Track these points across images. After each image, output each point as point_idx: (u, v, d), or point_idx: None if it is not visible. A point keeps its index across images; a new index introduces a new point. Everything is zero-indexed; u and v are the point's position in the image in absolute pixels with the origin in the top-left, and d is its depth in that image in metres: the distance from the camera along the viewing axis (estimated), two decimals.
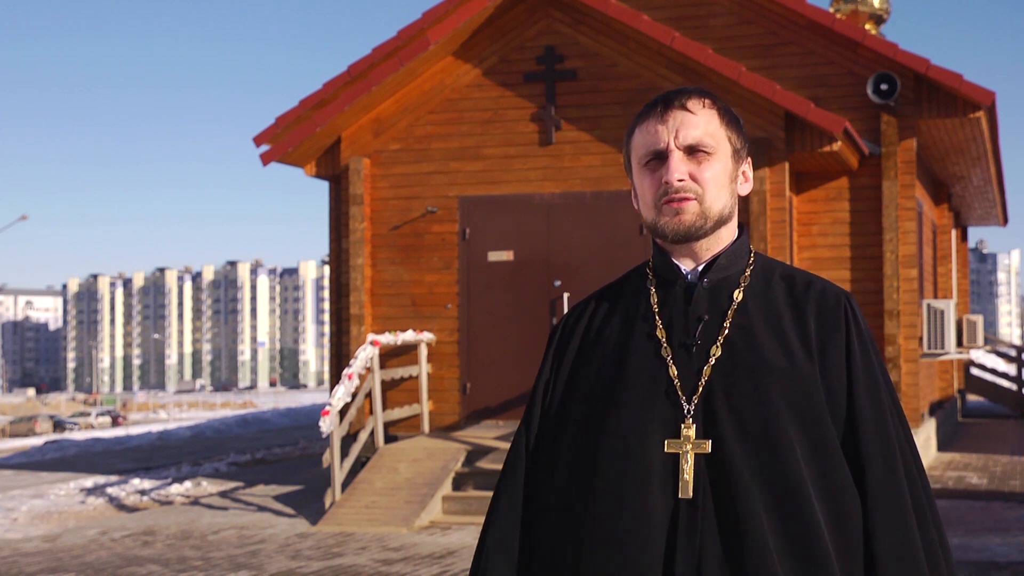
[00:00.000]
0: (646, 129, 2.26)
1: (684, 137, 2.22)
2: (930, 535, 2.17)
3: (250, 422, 30.44)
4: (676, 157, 2.22)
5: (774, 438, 2.12)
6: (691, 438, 2.14)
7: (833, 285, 2.29)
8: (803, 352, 2.18)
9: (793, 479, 2.10)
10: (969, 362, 25.12)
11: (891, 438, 2.18)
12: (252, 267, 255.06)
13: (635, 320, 2.28)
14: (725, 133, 2.27)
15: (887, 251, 14.18)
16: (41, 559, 10.64)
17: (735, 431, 2.13)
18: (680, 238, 2.23)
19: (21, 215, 47.95)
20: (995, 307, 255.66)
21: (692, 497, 2.11)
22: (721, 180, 2.24)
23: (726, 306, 2.24)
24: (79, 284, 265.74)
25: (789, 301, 2.25)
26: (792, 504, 2.10)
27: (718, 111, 2.27)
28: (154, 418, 69.87)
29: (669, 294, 2.27)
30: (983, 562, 9.18)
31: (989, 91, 14.10)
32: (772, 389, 2.14)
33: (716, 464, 2.12)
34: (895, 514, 2.14)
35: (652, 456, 2.15)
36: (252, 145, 23.67)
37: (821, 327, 2.21)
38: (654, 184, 2.24)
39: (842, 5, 17.51)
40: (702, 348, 2.20)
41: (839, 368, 2.19)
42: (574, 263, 14.09)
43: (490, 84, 14.54)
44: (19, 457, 24.12)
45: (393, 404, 14.41)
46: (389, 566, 9.72)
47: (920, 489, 2.19)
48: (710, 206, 2.22)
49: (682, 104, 2.24)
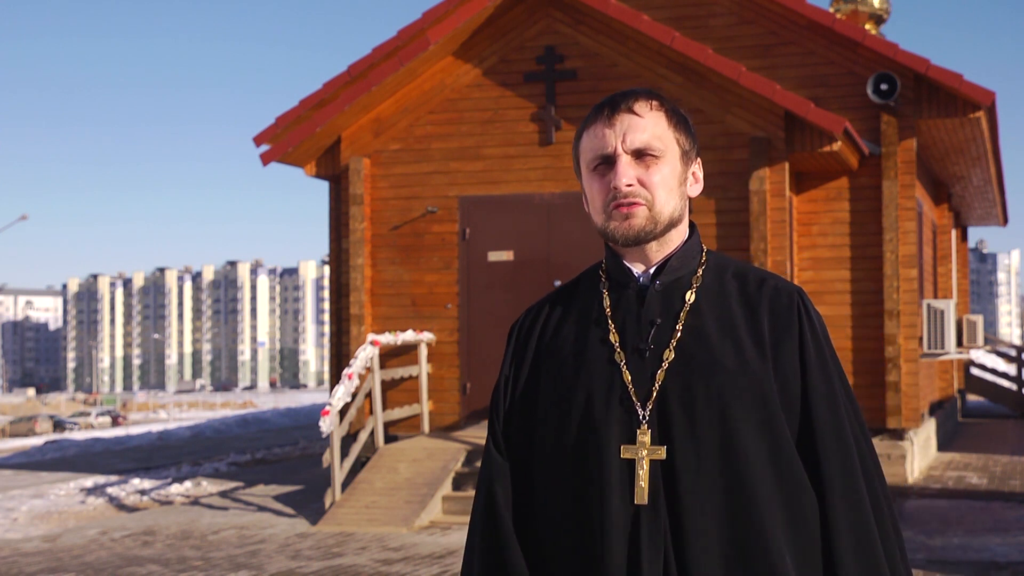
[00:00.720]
0: (593, 133, 2.25)
1: (631, 141, 2.21)
2: (887, 531, 2.18)
3: (250, 422, 30.44)
4: (624, 162, 2.21)
5: (728, 441, 2.12)
6: (646, 444, 2.14)
7: (786, 282, 2.28)
8: (756, 351, 2.18)
9: (749, 483, 2.11)
10: (969, 362, 25.12)
11: (846, 435, 2.18)
12: (252, 267, 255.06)
13: (589, 325, 2.27)
14: (673, 135, 2.26)
15: (887, 251, 14.18)
16: (41, 559, 10.64)
17: (689, 435, 2.13)
18: (630, 242, 2.23)
19: (21, 215, 47.95)
20: (995, 307, 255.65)
21: (648, 503, 2.11)
22: (670, 183, 2.23)
23: (678, 308, 2.23)
24: (79, 284, 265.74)
25: (742, 300, 2.24)
26: (746, 508, 2.10)
27: (666, 113, 2.26)
28: (154, 418, 69.86)
29: (622, 297, 2.27)
30: (983, 562, 9.17)
31: (989, 91, 14.10)
32: (725, 391, 2.14)
33: (670, 469, 2.13)
34: (853, 512, 2.15)
35: (610, 462, 2.15)
36: (252, 145, 23.66)
37: (774, 325, 2.21)
38: (603, 189, 2.23)
39: (842, 5, 17.51)
40: (655, 352, 2.20)
41: (793, 366, 2.19)
42: (574, 263, 14.08)
43: (490, 84, 14.54)
44: (19, 457, 24.12)
45: (393, 404, 14.41)
46: (389, 566, 9.72)
47: (877, 485, 2.20)
48: (660, 210, 2.21)
49: (629, 107, 2.23)
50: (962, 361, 23.94)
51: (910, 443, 14.13)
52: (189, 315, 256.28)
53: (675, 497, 2.11)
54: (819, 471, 2.15)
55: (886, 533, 2.17)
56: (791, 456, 2.14)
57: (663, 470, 2.13)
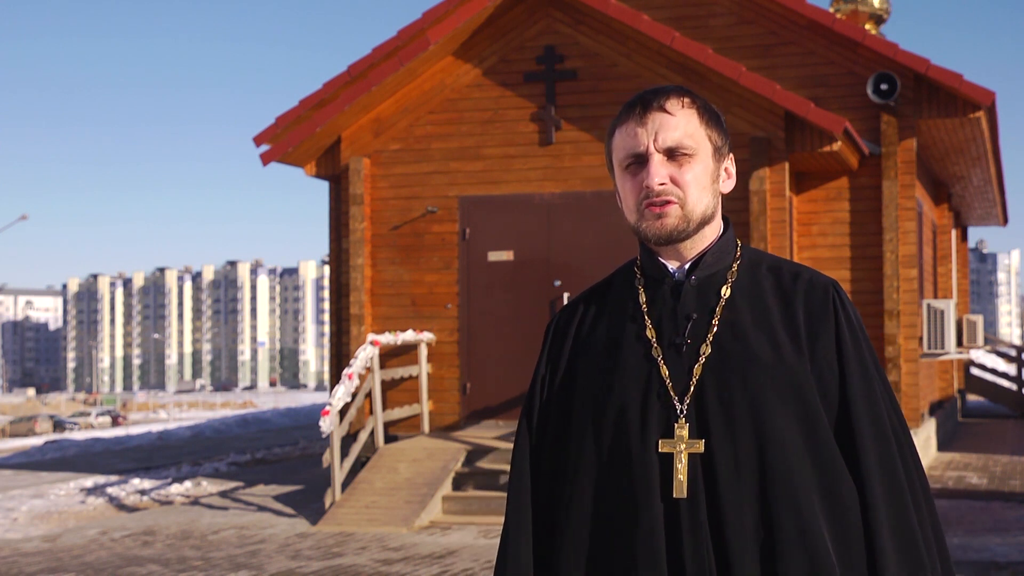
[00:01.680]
0: (625, 131, 2.26)
1: (663, 140, 2.21)
2: (926, 522, 2.19)
3: (250, 422, 30.44)
4: (656, 160, 2.21)
5: (766, 434, 2.13)
6: (684, 438, 2.15)
7: (821, 275, 2.29)
8: (792, 345, 2.19)
9: (787, 474, 2.11)
10: (969, 362, 25.12)
11: (885, 426, 2.19)
12: (252, 267, 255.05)
13: (624, 321, 2.28)
14: (705, 132, 2.25)
15: (887, 251, 14.18)
16: (41, 559, 10.64)
17: (727, 429, 2.14)
18: (663, 241, 2.23)
19: (21, 215, 47.95)
20: (995, 307, 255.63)
21: (688, 496, 2.12)
22: (703, 181, 2.23)
23: (714, 303, 2.24)
24: (79, 284, 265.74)
25: (777, 293, 2.25)
26: (786, 499, 2.10)
27: (697, 110, 2.26)
28: (154, 418, 69.86)
29: (657, 293, 2.27)
30: (983, 562, 9.18)
31: (989, 91, 14.10)
32: (763, 384, 2.15)
33: (709, 463, 2.14)
34: (894, 502, 2.15)
35: (649, 457, 2.16)
36: (252, 145, 23.67)
37: (810, 318, 2.22)
38: (635, 188, 2.23)
39: (842, 5, 17.51)
40: (692, 347, 2.20)
41: (830, 359, 2.19)
42: (574, 263, 14.09)
43: (490, 84, 14.54)
44: (19, 457, 24.12)
45: (393, 404, 14.41)
46: (389, 566, 9.72)
47: (916, 477, 2.20)
48: (692, 209, 2.22)
49: (660, 105, 2.23)
50: (962, 361, 23.94)
51: None
52: (189, 315, 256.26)
53: (714, 491, 2.12)
54: (858, 462, 2.16)
55: (924, 522, 2.18)
56: (829, 448, 2.15)
57: (702, 464, 2.14)
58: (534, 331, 13.98)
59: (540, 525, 2.29)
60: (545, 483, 2.29)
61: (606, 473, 2.19)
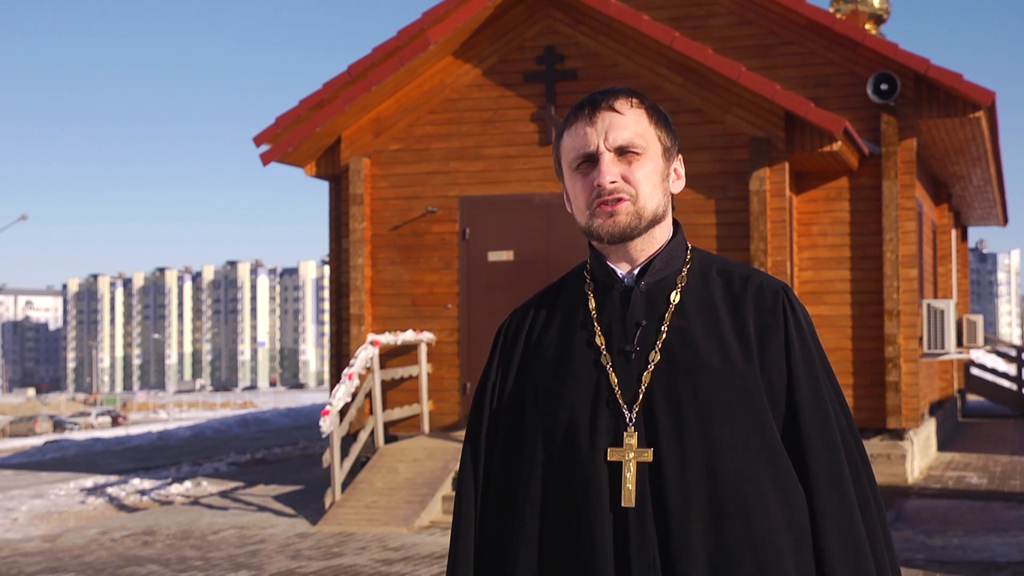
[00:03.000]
0: (575, 132, 2.26)
1: (614, 139, 2.21)
2: (876, 529, 2.18)
3: (250, 422, 30.43)
4: (607, 159, 2.21)
5: (715, 443, 2.11)
6: (633, 446, 2.13)
7: (771, 278, 2.27)
8: (742, 351, 2.17)
9: (736, 483, 2.10)
10: (969, 362, 25.11)
11: (834, 433, 2.18)
12: (252, 267, 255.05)
13: (575, 327, 2.26)
14: (655, 132, 2.26)
15: (887, 251, 14.18)
16: (41, 559, 10.64)
17: (675, 437, 2.12)
18: (615, 239, 2.22)
19: (21, 215, 47.94)
20: (995, 307, 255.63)
21: (636, 506, 2.10)
22: (653, 179, 2.23)
23: (663, 309, 2.22)
24: (79, 284, 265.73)
25: (727, 298, 2.24)
26: (734, 508, 2.09)
27: (646, 110, 2.26)
28: (154, 418, 69.85)
29: (607, 299, 2.26)
30: (983, 562, 9.17)
31: (989, 91, 14.10)
32: (712, 392, 2.13)
33: (657, 472, 2.12)
34: (840, 508, 2.14)
35: (597, 466, 2.14)
36: (252, 145, 23.67)
37: (759, 323, 2.20)
38: (586, 187, 2.23)
39: (842, 5, 17.50)
40: (641, 354, 2.19)
41: (779, 364, 2.18)
42: (574, 263, 13.96)
43: (490, 84, 14.54)
44: (19, 457, 24.11)
45: (393, 404, 14.41)
46: (389, 566, 9.72)
47: (865, 483, 2.19)
48: (644, 206, 2.21)
49: (610, 105, 2.24)
50: (962, 361, 23.94)
51: (910, 443, 14.13)
52: (189, 315, 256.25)
53: (661, 499, 2.10)
54: (806, 468, 2.15)
55: (873, 528, 2.17)
56: (779, 454, 2.14)
57: (650, 473, 2.12)
58: None
59: (491, 531, 2.27)
60: (494, 492, 2.27)
61: (555, 481, 2.17)
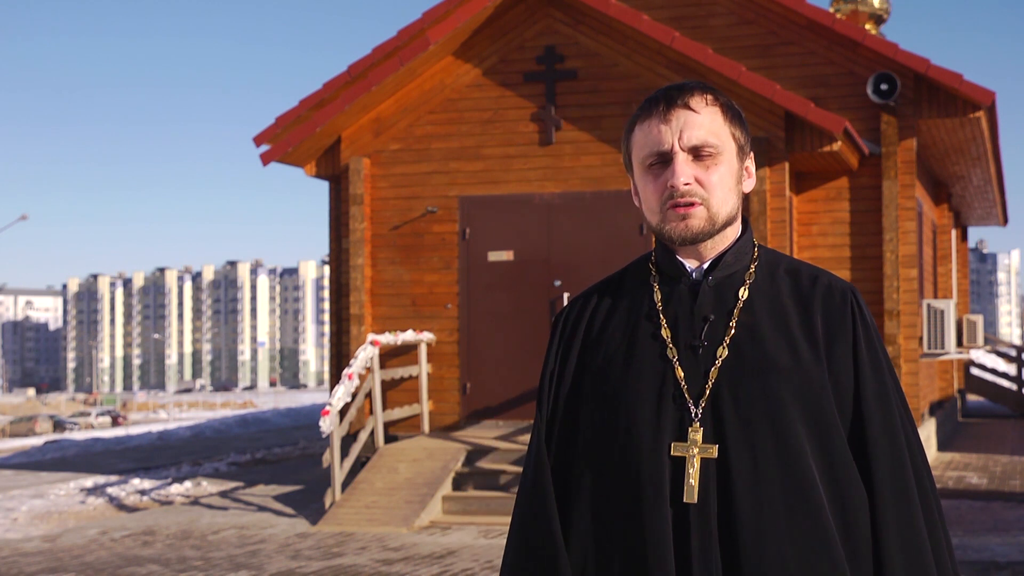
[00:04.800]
0: (648, 128, 2.19)
1: (689, 138, 2.16)
2: (937, 534, 2.16)
3: (250, 422, 30.42)
4: (681, 160, 2.15)
5: (782, 441, 2.08)
6: (698, 442, 2.10)
7: (839, 279, 2.25)
8: (810, 350, 2.14)
9: (803, 482, 2.07)
10: (969, 362, 25.11)
11: (898, 436, 2.16)
12: (252, 267, 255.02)
13: (639, 319, 2.22)
14: (729, 130, 2.21)
15: (887, 251, 14.18)
16: (41, 559, 10.64)
17: (742, 435, 2.09)
18: (687, 243, 2.18)
19: (21, 215, 47.95)
20: (995, 307, 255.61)
21: (698, 502, 2.07)
22: (728, 183, 2.20)
23: (731, 305, 2.19)
24: (79, 284, 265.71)
25: (795, 297, 2.20)
26: (804, 508, 2.07)
27: (721, 108, 2.21)
28: (154, 418, 69.85)
29: (673, 292, 2.22)
30: (983, 562, 9.17)
31: (989, 91, 14.10)
32: (780, 390, 2.10)
33: (723, 468, 2.09)
34: (903, 514, 2.12)
35: (660, 460, 2.11)
36: (252, 145, 23.67)
37: (828, 324, 2.17)
38: (658, 188, 2.17)
39: (842, 5, 17.50)
40: (708, 349, 2.15)
41: (846, 366, 2.15)
42: (574, 263, 14.09)
43: (490, 84, 14.54)
44: (19, 457, 24.11)
45: (393, 404, 14.41)
46: (389, 566, 9.72)
47: (927, 487, 2.17)
48: (718, 211, 2.17)
49: (685, 103, 2.17)
50: (962, 361, 23.94)
51: None
52: (189, 315, 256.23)
53: (729, 496, 2.07)
54: (870, 469, 2.12)
55: (934, 530, 2.15)
56: (844, 456, 2.12)
57: (715, 469, 2.09)
58: (534, 331, 13.99)
59: None
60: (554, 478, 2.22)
61: (614, 473, 2.13)
